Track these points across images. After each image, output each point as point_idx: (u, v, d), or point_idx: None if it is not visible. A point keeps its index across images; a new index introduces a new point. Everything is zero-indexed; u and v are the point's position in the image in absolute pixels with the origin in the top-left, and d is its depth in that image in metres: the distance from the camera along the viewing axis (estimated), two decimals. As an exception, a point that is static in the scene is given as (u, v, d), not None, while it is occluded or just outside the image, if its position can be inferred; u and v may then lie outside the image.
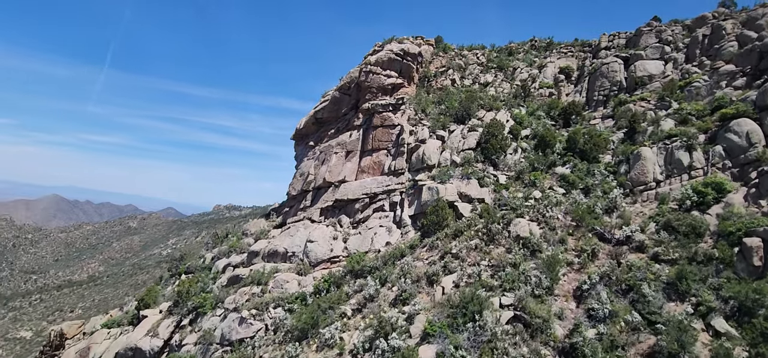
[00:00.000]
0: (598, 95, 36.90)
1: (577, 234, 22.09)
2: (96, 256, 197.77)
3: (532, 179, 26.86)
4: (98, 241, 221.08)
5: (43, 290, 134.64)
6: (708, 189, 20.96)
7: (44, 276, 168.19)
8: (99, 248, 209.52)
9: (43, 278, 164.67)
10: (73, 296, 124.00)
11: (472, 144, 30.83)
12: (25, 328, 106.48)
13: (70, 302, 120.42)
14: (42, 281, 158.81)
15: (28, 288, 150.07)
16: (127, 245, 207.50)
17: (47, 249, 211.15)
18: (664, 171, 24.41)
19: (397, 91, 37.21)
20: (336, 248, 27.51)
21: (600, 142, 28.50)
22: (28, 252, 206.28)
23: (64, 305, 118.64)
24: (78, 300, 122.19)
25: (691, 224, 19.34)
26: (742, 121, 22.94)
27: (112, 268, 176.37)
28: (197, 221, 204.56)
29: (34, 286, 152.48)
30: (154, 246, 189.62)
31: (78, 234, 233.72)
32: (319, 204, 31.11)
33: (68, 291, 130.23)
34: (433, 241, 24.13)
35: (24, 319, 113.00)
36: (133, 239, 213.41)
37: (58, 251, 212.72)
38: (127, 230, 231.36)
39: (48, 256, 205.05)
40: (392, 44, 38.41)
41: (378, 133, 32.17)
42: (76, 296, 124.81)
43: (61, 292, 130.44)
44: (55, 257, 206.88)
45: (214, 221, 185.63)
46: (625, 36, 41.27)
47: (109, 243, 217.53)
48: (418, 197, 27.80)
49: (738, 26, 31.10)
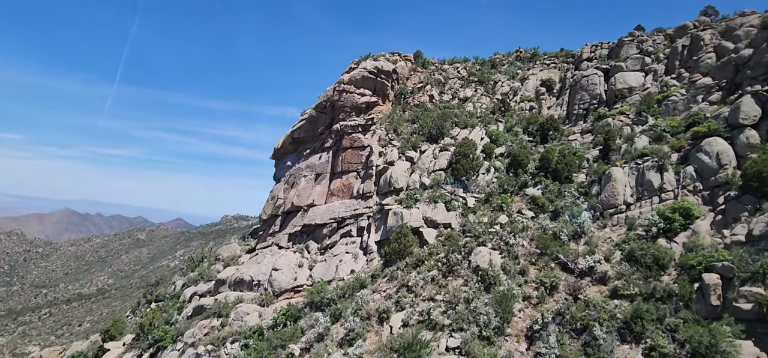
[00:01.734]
0: (579, 109, 35.87)
1: (540, 263, 21.11)
2: (105, 269, 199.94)
3: (500, 202, 25.95)
4: (107, 254, 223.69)
5: (52, 304, 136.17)
6: (675, 215, 19.89)
7: (54, 290, 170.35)
8: (108, 260, 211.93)
9: (53, 292, 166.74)
10: (81, 310, 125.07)
11: (443, 164, 30.04)
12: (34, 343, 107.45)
13: (78, 315, 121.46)
14: (52, 295, 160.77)
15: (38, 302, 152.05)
16: (135, 258, 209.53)
17: (57, 263, 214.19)
18: (635, 193, 23.35)
19: (372, 109, 36.64)
20: (300, 276, 26.86)
21: (572, 162, 27.50)
22: (39, 266, 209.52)
23: (73, 318, 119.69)
24: (86, 314, 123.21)
25: (654, 254, 18.29)
26: (712, 141, 21.84)
27: (120, 281, 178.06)
28: (205, 232, 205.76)
29: (43, 300, 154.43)
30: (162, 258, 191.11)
31: (88, 247, 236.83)
32: (287, 229, 30.52)
33: (77, 305, 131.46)
34: (393, 271, 23.34)
35: (33, 333, 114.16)
36: (142, 251, 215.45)
37: (68, 264, 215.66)
38: (135, 243, 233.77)
39: (58, 269, 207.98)
40: (367, 62, 37.88)
41: (347, 155, 31.55)
42: (85, 309, 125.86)
43: (70, 306, 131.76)
44: (65, 270, 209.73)
45: (222, 231, 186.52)
46: (608, 46, 40.20)
47: (118, 256, 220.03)
48: (384, 223, 27.04)
49: (717, 37, 29.93)
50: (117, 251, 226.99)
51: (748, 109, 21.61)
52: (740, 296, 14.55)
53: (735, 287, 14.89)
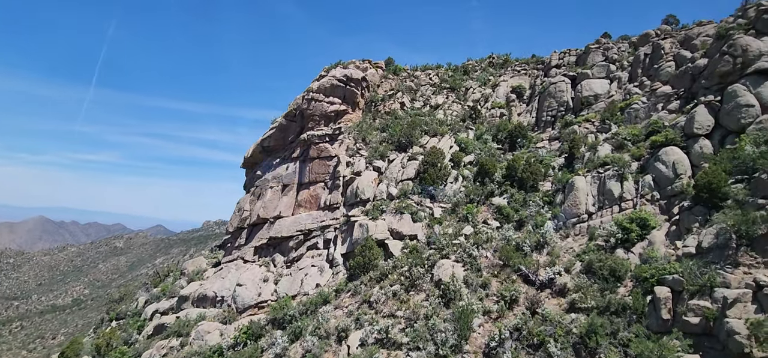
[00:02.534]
0: (547, 116, 36.19)
1: (502, 275, 21.02)
2: (81, 278, 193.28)
3: (466, 212, 25.83)
4: (83, 263, 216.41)
5: (24, 317, 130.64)
6: (632, 225, 20.04)
7: (26, 302, 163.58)
8: (84, 270, 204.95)
9: (25, 304, 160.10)
10: (55, 322, 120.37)
11: (411, 174, 29.82)
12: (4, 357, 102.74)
13: (52, 328, 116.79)
14: (24, 307, 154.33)
15: (9, 315, 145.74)
16: (113, 266, 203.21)
17: (30, 273, 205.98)
18: (597, 202, 23.52)
19: (341, 118, 36.21)
20: (265, 291, 26.20)
21: (538, 170, 27.62)
22: (10, 277, 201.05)
23: (46, 331, 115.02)
24: (61, 326, 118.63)
25: (611, 266, 18.36)
26: (669, 150, 22.15)
27: (97, 290, 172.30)
28: (186, 239, 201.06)
29: (15, 312, 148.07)
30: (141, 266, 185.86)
31: (62, 256, 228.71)
32: (253, 242, 29.79)
33: (51, 317, 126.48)
34: (357, 285, 22.95)
35: (2, 348, 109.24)
36: (120, 259, 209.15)
37: (42, 274, 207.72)
38: (113, 251, 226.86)
39: (30, 280, 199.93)
40: (336, 70, 37.46)
41: (315, 165, 31.04)
42: (59, 321, 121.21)
43: (43, 318, 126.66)
44: (38, 281, 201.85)
45: (203, 237, 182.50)
46: (576, 53, 40.74)
47: (94, 265, 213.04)
48: (351, 235, 26.63)
49: (676, 45, 30.58)
50: (93, 259, 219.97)
51: (702, 119, 22.01)
52: (689, 310, 14.65)
53: (684, 301, 14.99)
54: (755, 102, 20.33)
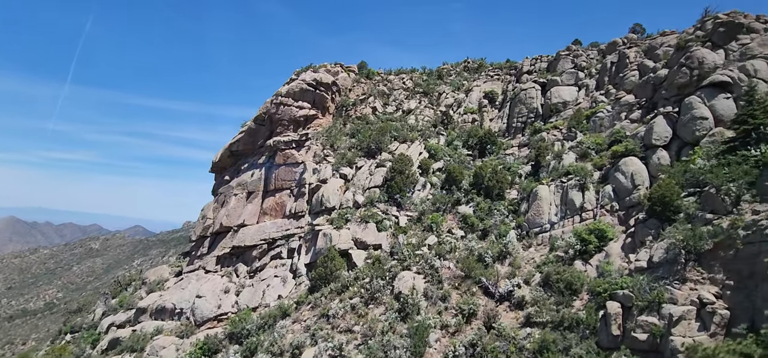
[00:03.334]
0: (517, 122, 36.28)
1: (463, 287, 20.81)
2: (54, 281, 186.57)
3: (431, 221, 25.59)
4: (57, 265, 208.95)
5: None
6: (591, 236, 20.10)
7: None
8: (58, 272, 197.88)
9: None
10: (26, 327, 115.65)
11: (379, 181, 29.42)
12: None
13: (22, 333, 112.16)
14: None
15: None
16: (88, 269, 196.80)
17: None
18: (559, 212, 23.56)
19: (311, 123, 35.59)
20: (225, 303, 25.43)
21: (504, 178, 27.58)
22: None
23: (16, 337, 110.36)
24: (31, 331, 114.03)
25: (568, 279, 18.32)
26: (628, 161, 22.32)
27: (71, 294, 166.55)
28: (165, 240, 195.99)
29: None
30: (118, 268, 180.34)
31: (34, 259, 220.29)
32: (216, 251, 28.94)
33: (21, 321, 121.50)
34: (317, 298, 22.43)
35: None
36: (96, 261, 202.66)
37: (12, 277, 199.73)
38: (88, 252, 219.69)
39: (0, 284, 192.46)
40: (306, 74, 36.79)
41: (281, 172, 30.35)
42: (30, 326, 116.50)
43: (12, 323, 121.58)
44: (9, 284, 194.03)
45: (183, 237, 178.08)
46: (547, 59, 41.00)
47: (68, 267, 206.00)
48: (315, 244, 26.08)
49: (640, 55, 30.97)
50: (67, 261, 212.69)
51: (660, 130, 22.24)
52: (637, 326, 14.64)
53: (634, 317, 14.98)
54: (709, 115, 20.61)
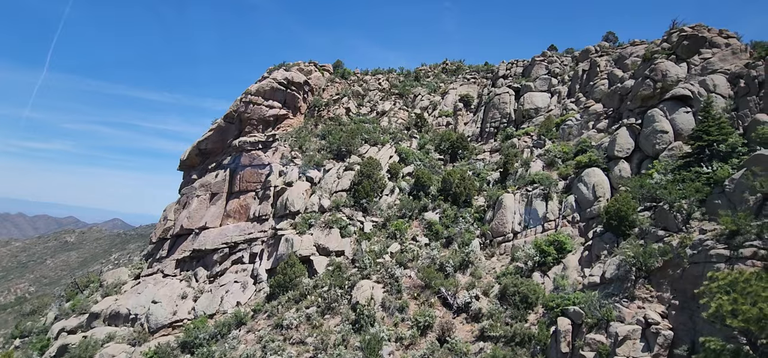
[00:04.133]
0: (490, 127, 36.16)
1: (422, 298, 20.47)
2: (26, 275, 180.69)
3: (395, 228, 25.18)
4: (29, 258, 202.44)
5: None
6: (550, 248, 19.98)
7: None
8: (30, 266, 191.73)
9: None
10: None
11: (346, 185, 28.87)
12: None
13: None
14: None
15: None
16: (63, 262, 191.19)
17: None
18: (523, 221, 23.41)
19: (281, 122, 34.80)
20: (182, 309, 24.58)
21: (472, 185, 27.33)
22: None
23: None
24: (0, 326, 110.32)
25: (524, 292, 18.13)
26: (591, 172, 22.27)
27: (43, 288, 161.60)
28: (144, 233, 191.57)
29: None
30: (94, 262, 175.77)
31: (5, 251, 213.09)
32: (175, 254, 28.00)
33: None
34: (274, 306, 21.80)
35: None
36: (70, 254, 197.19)
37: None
38: (63, 246, 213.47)
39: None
40: (277, 72, 35.93)
41: (246, 173, 29.53)
42: None
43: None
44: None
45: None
46: (523, 64, 40.97)
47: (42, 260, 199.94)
48: (277, 249, 25.41)
49: (611, 64, 31.09)
50: (41, 255, 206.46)
51: (623, 142, 22.23)
52: (586, 344, 14.43)
53: (583, 334, 14.79)
54: (669, 128, 20.64)
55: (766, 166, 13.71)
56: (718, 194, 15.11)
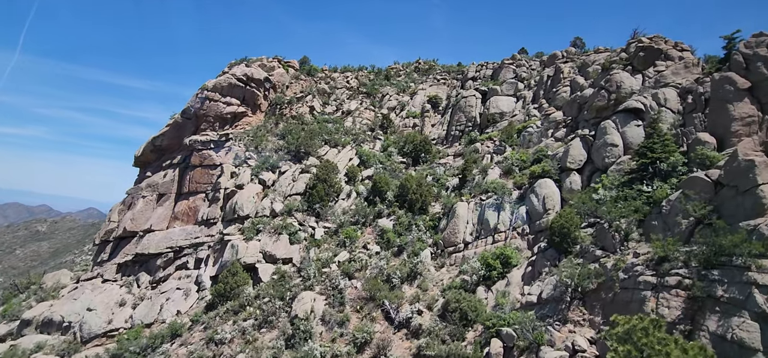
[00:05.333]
0: (456, 130, 35.58)
1: (365, 311, 19.72)
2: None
3: (345, 236, 24.36)
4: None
5: None
6: (496, 262, 19.41)
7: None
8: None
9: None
10: None
11: (301, 188, 27.89)
12: None
13: None
14: None
15: None
16: (33, 253, 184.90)
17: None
18: (475, 231, 22.86)
19: (239, 120, 33.53)
20: (118, 317, 23.33)
21: (429, 192, 26.67)
22: None
23: None
24: None
25: (464, 309, 17.50)
26: (543, 183, 21.80)
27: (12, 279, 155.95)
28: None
29: None
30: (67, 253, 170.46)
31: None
32: (117, 258, 26.65)
33: None
34: (211, 317, 20.80)
35: None
36: (41, 244, 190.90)
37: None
38: (34, 235, 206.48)
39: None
40: (237, 68, 34.59)
41: (196, 173, 28.26)
42: None
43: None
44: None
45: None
46: (492, 66, 40.46)
47: (11, 250, 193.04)
48: (223, 255, 24.33)
49: (574, 70, 30.74)
50: (10, 244, 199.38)
51: (575, 153, 21.81)
52: (516, 368, 13.95)
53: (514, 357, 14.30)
54: (620, 141, 20.27)
55: (700, 190, 13.32)
56: (656, 215, 14.72)
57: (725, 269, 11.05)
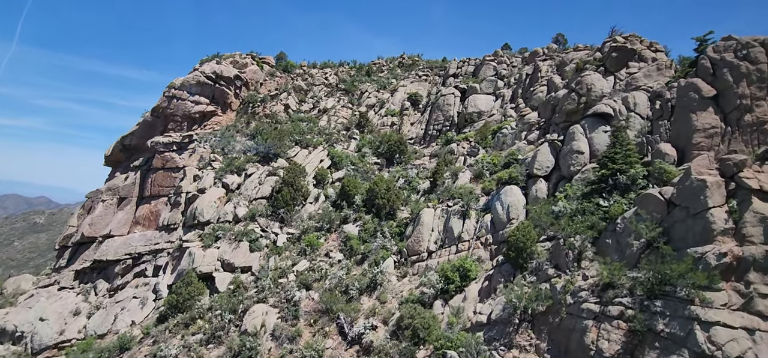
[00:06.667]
0: (433, 129, 34.56)
1: (319, 325, 18.94)
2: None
3: (306, 243, 23.51)
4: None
5: None
6: (455, 275, 18.51)
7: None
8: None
9: None
10: None
11: (267, 192, 27.01)
12: None
13: None
14: None
15: None
16: (31, 244, 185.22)
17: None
18: (440, 239, 21.98)
19: (209, 119, 32.56)
20: (71, 328, 22.62)
21: (397, 196, 25.78)
22: None
23: None
24: None
25: (416, 326, 16.67)
26: (509, 190, 20.86)
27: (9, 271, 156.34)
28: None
29: None
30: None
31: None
32: (75, 265, 25.88)
33: None
34: (161, 331, 20.03)
35: None
36: (40, 236, 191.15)
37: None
38: (32, 227, 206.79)
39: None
40: (207, 65, 33.53)
41: (158, 176, 27.37)
42: None
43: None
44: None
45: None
46: (474, 63, 39.27)
47: (9, 242, 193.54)
48: (180, 263, 23.54)
49: (553, 69, 29.61)
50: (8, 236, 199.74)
51: (543, 159, 20.84)
52: (458, 396, 13.17)
53: (457, 383, 13.51)
54: (586, 148, 19.28)
55: (653, 209, 12.38)
56: (611, 233, 13.80)
57: (668, 301, 10.17)
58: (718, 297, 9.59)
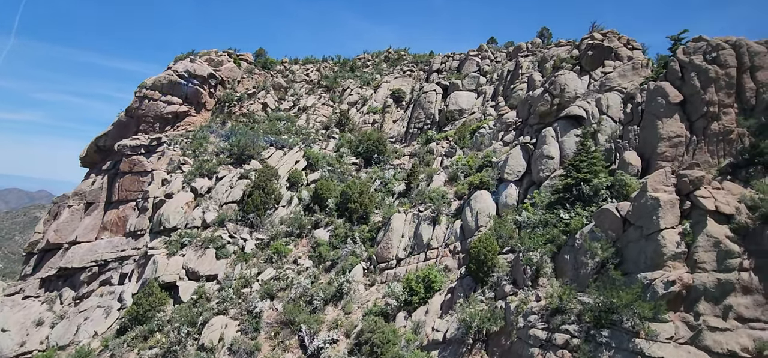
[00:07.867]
0: (414, 128, 33.69)
1: (279, 338, 18.35)
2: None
3: (273, 250, 22.84)
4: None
5: None
6: (419, 285, 17.86)
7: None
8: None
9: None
10: None
11: (238, 196, 26.30)
12: None
13: None
14: None
15: None
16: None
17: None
18: (409, 246, 21.27)
19: (182, 120, 31.77)
20: (33, 339, 22.10)
21: (370, 200, 25.02)
22: None
23: None
24: None
25: (375, 342, 16.04)
26: (479, 196, 20.08)
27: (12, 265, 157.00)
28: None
29: None
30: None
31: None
32: (41, 272, 25.32)
33: None
34: (119, 343, 19.47)
35: None
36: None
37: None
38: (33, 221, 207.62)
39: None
40: (180, 63, 32.64)
41: (126, 181, 26.67)
42: None
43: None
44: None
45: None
46: (459, 58, 38.23)
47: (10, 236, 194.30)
48: (145, 271, 22.94)
49: (534, 65, 28.60)
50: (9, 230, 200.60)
51: (514, 163, 20.02)
52: (406, 421, 12.55)
53: (407, 407, 12.88)
54: (556, 153, 18.45)
55: (610, 227, 11.60)
56: (570, 248, 13.04)
57: (615, 331, 9.46)
58: (664, 329, 8.86)
